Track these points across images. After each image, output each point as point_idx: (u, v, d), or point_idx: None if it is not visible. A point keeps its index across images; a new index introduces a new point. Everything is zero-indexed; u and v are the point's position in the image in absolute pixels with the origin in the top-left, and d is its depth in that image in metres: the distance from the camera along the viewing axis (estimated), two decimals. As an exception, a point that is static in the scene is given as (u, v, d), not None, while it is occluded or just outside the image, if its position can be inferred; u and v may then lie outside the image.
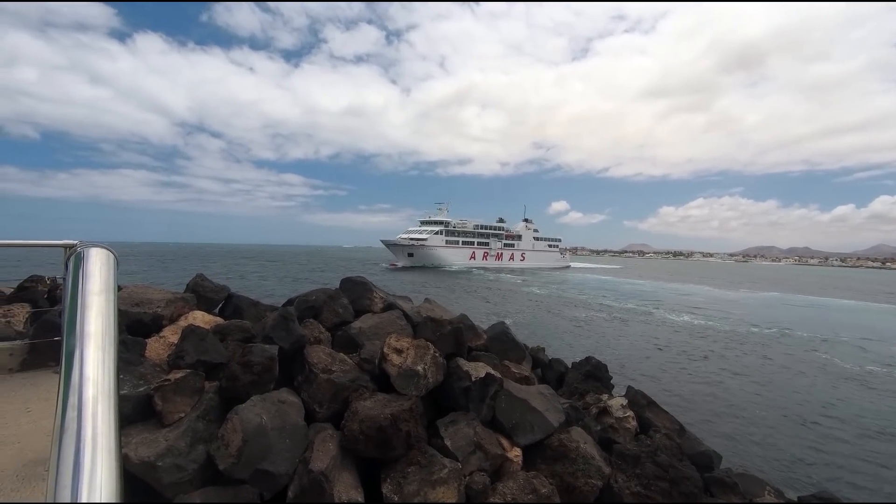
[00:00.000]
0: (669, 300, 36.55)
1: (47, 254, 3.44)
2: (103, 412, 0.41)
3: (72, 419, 0.39)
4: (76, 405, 0.40)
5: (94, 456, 0.35)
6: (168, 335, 5.52)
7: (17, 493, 1.76)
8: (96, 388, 0.42)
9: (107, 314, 0.53)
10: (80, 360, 0.45)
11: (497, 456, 4.89)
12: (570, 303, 31.18)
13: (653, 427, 6.17)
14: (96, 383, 0.42)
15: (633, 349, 16.42)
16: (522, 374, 6.38)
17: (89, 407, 0.40)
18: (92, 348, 0.47)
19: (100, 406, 0.41)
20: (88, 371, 0.44)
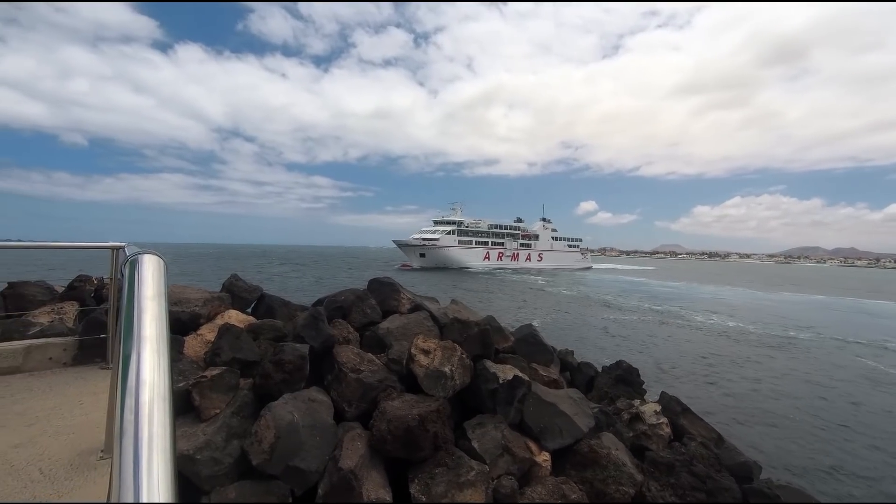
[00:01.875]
0: (704, 303, 35.22)
1: (93, 254, 3.64)
2: (159, 413, 0.42)
3: (129, 421, 0.40)
4: (133, 407, 0.42)
5: (150, 456, 0.37)
6: (205, 333, 5.74)
7: (71, 481, 1.87)
8: (152, 390, 0.44)
9: (160, 319, 0.55)
10: (137, 362, 0.47)
11: (525, 460, 4.84)
12: (597, 305, 30.51)
13: (687, 435, 5.96)
14: (152, 386, 0.44)
15: (665, 353, 15.91)
16: (551, 378, 6.28)
17: (146, 408, 0.42)
18: (148, 351, 0.48)
19: (156, 407, 0.42)
20: (145, 374, 0.45)
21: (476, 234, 76.46)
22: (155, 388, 0.46)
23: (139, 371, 0.47)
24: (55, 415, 2.59)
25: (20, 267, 31.39)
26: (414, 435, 4.41)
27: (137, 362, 0.48)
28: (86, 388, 3.09)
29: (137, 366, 0.48)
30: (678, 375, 12.99)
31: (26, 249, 3.53)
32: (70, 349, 3.68)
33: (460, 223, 74.72)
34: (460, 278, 49.98)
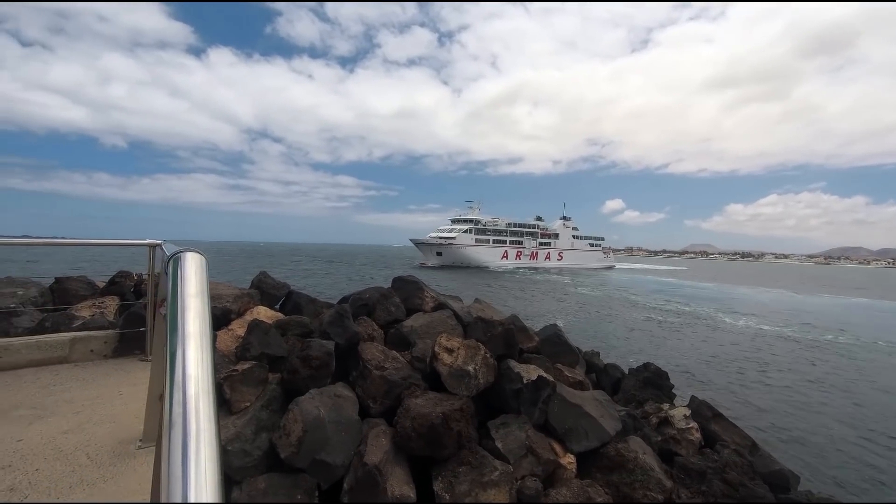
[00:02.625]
0: (737, 305, 33.95)
1: (130, 251, 3.79)
2: (205, 409, 0.43)
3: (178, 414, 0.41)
4: (181, 401, 0.43)
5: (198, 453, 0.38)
6: (235, 328, 5.92)
7: (114, 467, 1.96)
8: (198, 385, 0.45)
9: (203, 316, 0.56)
10: (183, 358, 0.48)
11: (550, 461, 4.78)
12: (624, 305, 29.84)
13: (720, 441, 5.76)
14: (197, 381, 0.45)
15: (695, 356, 15.42)
16: (576, 379, 6.19)
17: (192, 403, 0.43)
18: (192, 348, 0.50)
19: (201, 403, 0.43)
20: (190, 369, 0.46)
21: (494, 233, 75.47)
22: (200, 383, 0.47)
23: (185, 367, 0.49)
24: (98, 404, 2.72)
25: (63, 264, 33.16)
26: (438, 433, 4.42)
27: (183, 359, 0.49)
28: (125, 379, 3.23)
29: (183, 362, 0.49)
30: (708, 379, 12.57)
31: (72, 247, 3.72)
32: (111, 342, 3.85)
33: (477, 222, 73.89)
34: (482, 277, 49.76)
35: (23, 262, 31.24)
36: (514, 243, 78.14)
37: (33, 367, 3.45)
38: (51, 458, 2.01)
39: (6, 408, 2.61)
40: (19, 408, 2.62)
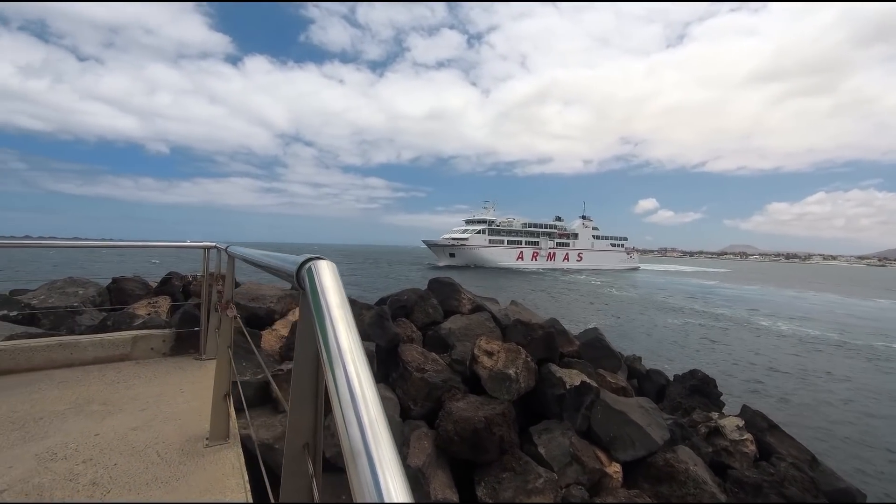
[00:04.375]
0: (783, 309, 32.19)
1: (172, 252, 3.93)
2: (377, 416, 0.41)
3: (357, 439, 0.39)
4: (355, 420, 0.41)
5: (381, 462, 0.36)
6: (279, 328, 6.07)
7: (184, 465, 2.03)
8: (364, 399, 0.43)
9: (351, 327, 0.54)
10: (345, 375, 0.46)
11: (595, 470, 4.64)
12: (660, 308, 28.85)
13: (776, 454, 5.44)
14: (363, 397, 0.43)
15: (742, 363, 14.70)
16: (619, 385, 6.00)
17: (366, 418, 0.41)
18: (352, 364, 0.48)
19: (374, 416, 0.41)
20: (357, 387, 0.45)
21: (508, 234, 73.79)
22: (368, 400, 0.45)
23: (350, 383, 0.47)
24: (162, 401, 2.83)
25: (112, 264, 35.11)
26: (480, 437, 4.38)
27: (345, 375, 0.47)
28: (184, 378, 3.35)
29: (346, 378, 0.47)
30: (758, 388, 11.95)
31: (129, 249, 3.89)
32: (168, 340, 4.01)
33: (491, 222, 72.41)
34: (506, 279, 49.31)
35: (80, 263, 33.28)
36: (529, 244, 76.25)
37: (99, 363, 3.63)
38: (126, 454, 2.09)
39: (80, 402, 2.75)
40: (91, 403, 2.76)
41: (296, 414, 0.75)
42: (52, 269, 30.85)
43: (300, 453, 0.74)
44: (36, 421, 2.44)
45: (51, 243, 4.50)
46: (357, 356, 0.50)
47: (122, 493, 1.78)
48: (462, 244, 67.45)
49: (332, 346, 0.51)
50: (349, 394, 0.45)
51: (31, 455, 2.04)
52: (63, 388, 3.04)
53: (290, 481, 0.75)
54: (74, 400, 2.80)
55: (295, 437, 0.74)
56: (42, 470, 1.92)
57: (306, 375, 0.75)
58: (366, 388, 0.47)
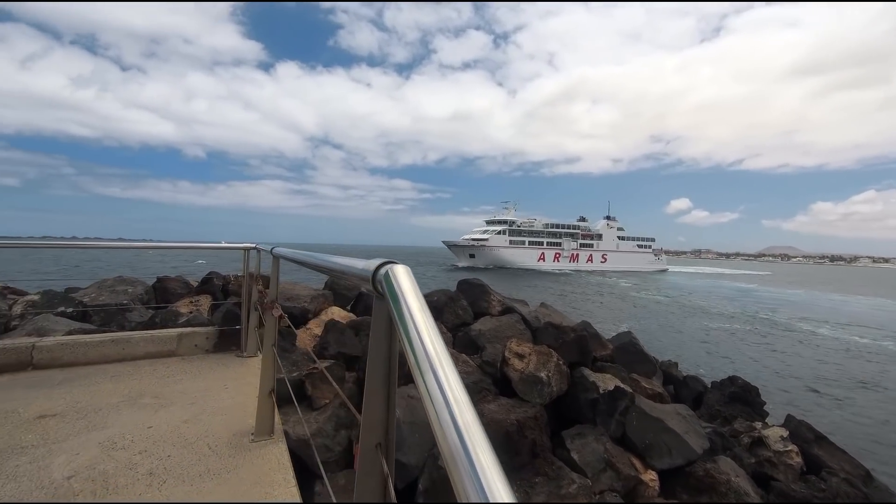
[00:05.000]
0: (829, 314, 30.47)
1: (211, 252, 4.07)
2: (472, 419, 0.42)
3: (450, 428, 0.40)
4: (451, 425, 0.42)
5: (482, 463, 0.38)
6: (313, 327, 6.22)
7: (233, 458, 2.11)
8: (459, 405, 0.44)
9: (435, 331, 0.56)
10: (436, 380, 0.48)
11: (630, 477, 4.53)
12: (694, 312, 27.85)
13: (825, 468, 5.16)
14: (458, 402, 0.44)
15: (785, 371, 14.00)
16: (654, 391, 5.84)
17: (460, 417, 0.42)
18: (443, 369, 0.49)
19: (466, 413, 0.43)
20: (448, 392, 0.45)
21: (529, 234, 72.18)
22: (461, 404, 0.46)
23: (441, 387, 0.48)
24: (208, 396, 2.94)
25: (157, 263, 36.79)
26: (512, 440, 4.35)
27: (436, 379, 0.48)
28: (227, 374, 3.48)
29: (438, 383, 0.48)
30: (802, 397, 11.37)
31: (174, 250, 4.06)
32: (211, 338, 4.17)
33: (512, 223, 70.95)
34: (529, 280, 48.69)
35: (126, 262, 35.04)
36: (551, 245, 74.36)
37: (149, 359, 3.82)
38: (178, 446, 2.19)
39: (134, 396, 2.90)
40: (143, 396, 2.91)
41: (369, 414, 0.77)
42: (102, 269, 32.61)
43: (374, 453, 0.76)
44: (96, 412, 2.58)
45: (99, 244, 4.77)
46: (445, 361, 0.51)
47: (176, 483, 1.87)
48: (482, 245, 66.48)
49: (420, 351, 0.53)
50: (442, 398, 0.46)
51: (94, 444, 2.17)
52: (116, 381, 3.21)
53: (365, 480, 0.77)
54: (128, 393, 2.96)
55: (368, 436, 0.76)
56: (105, 458, 2.04)
57: (379, 377, 0.77)
58: (457, 391, 0.47)
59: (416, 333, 0.55)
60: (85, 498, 1.73)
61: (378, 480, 0.76)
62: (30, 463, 1.97)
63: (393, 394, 0.78)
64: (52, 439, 2.21)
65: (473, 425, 0.44)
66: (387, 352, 0.77)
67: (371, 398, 0.77)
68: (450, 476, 0.40)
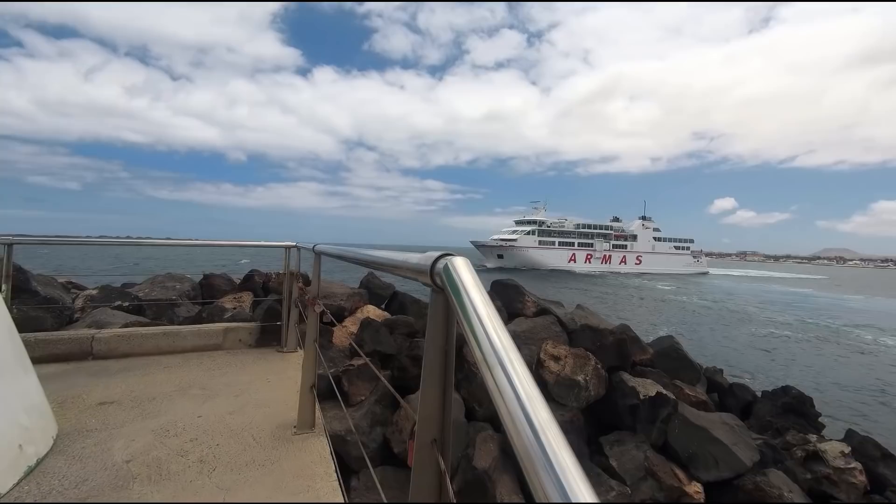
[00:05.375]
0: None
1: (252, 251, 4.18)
2: (547, 416, 0.40)
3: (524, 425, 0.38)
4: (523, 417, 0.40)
5: (560, 461, 0.36)
6: (349, 325, 6.33)
7: (276, 450, 2.17)
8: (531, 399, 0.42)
9: (501, 325, 0.54)
10: (505, 373, 0.46)
11: (673, 488, 4.34)
12: (739, 317, 26.44)
13: (891, 487, 4.76)
14: (530, 396, 0.42)
15: (844, 382, 13.04)
16: (698, 398, 5.57)
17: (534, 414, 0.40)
18: (509, 361, 0.47)
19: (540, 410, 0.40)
20: (518, 385, 0.43)
21: (559, 235, 70.09)
22: (534, 400, 0.44)
23: (513, 383, 0.46)
24: (252, 389, 3.04)
25: (203, 261, 38.66)
26: (549, 444, 4.26)
27: (506, 375, 0.46)
28: (269, 368, 3.58)
29: (508, 379, 0.46)
30: (863, 411, 10.55)
31: (219, 247, 4.22)
32: (254, 333, 4.32)
33: (541, 223, 69.16)
34: (559, 281, 47.61)
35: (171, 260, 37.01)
36: (583, 245, 71.83)
37: (196, 351, 4.00)
38: (226, 435, 2.28)
39: (184, 386, 3.04)
40: (193, 387, 3.04)
41: (425, 410, 0.76)
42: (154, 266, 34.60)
43: (429, 449, 0.75)
44: (150, 400, 2.72)
45: (151, 242, 5.05)
46: (514, 355, 0.49)
47: (225, 471, 1.94)
48: (511, 245, 65.16)
49: (486, 345, 0.51)
50: (514, 393, 0.44)
51: (148, 431, 2.28)
52: (168, 372, 3.37)
53: (421, 476, 0.76)
54: (178, 383, 3.10)
55: (424, 432, 0.75)
56: (158, 445, 2.14)
57: (436, 372, 0.76)
58: (528, 386, 0.45)
59: (480, 327, 0.53)
60: (142, 482, 1.82)
61: (434, 477, 0.75)
62: (94, 445, 2.10)
63: (449, 389, 0.77)
64: (111, 424, 2.34)
65: (549, 421, 0.42)
66: (443, 347, 0.76)
67: (427, 393, 0.76)
68: (526, 475, 0.38)
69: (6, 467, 1.73)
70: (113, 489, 1.76)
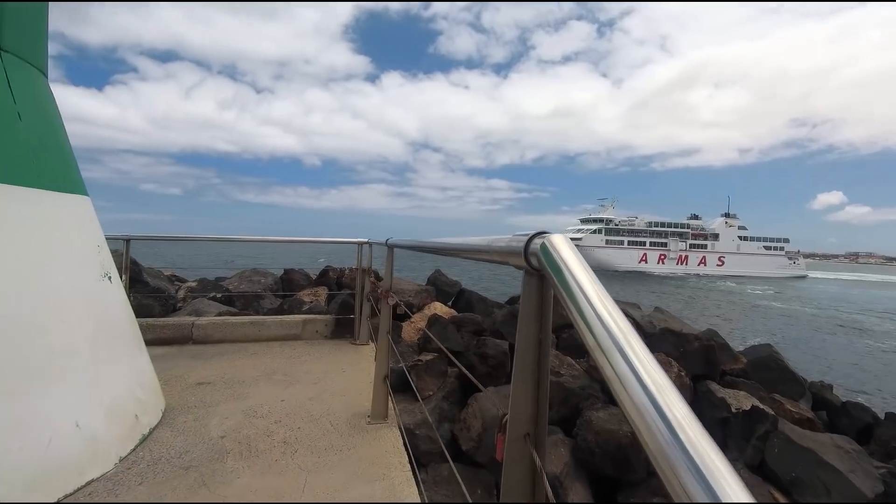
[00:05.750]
0: None
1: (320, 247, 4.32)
2: (683, 409, 0.33)
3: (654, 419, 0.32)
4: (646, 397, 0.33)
5: (704, 458, 0.31)
6: (417, 321, 6.44)
7: (352, 437, 2.24)
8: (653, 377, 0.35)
9: (614, 305, 0.46)
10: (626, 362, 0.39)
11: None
12: (850, 327, 23.10)
13: None
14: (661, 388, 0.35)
15: None
16: (802, 416, 4.92)
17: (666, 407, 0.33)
18: (628, 347, 0.40)
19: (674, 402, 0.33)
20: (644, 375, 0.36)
21: (629, 234, 64.68)
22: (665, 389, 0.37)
23: (636, 371, 0.39)
24: (328, 377, 3.18)
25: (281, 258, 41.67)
26: (626, 454, 4.00)
27: (627, 363, 0.39)
28: (344, 359, 3.73)
29: (631, 367, 0.39)
30: None
31: (298, 244, 4.46)
32: (329, 325, 4.53)
33: (609, 221, 64.53)
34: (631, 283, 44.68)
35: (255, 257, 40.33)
36: (655, 245, 65.52)
37: (278, 340, 4.29)
38: (306, 420, 2.40)
39: (268, 372, 3.26)
40: (276, 373, 3.25)
41: (517, 402, 0.70)
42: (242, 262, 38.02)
43: (522, 443, 0.69)
44: (239, 383, 2.94)
45: (240, 238, 5.48)
46: (634, 341, 0.42)
47: (306, 454, 2.02)
48: (576, 244, 62.22)
49: (599, 329, 0.44)
50: (638, 382, 0.37)
51: (239, 411, 2.46)
52: (254, 358, 3.63)
53: (513, 473, 0.70)
54: (263, 369, 3.32)
55: (517, 426, 0.69)
56: (248, 424, 2.30)
57: (528, 363, 0.70)
58: (656, 374, 0.38)
59: (590, 309, 0.46)
60: (234, 457, 1.95)
61: (526, 473, 0.69)
62: (194, 420, 2.30)
63: (544, 381, 0.70)
64: (208, 402, 2.56)
65: (684, 412, 0.34)
66: (537, 335, 0.69)
67: (519, 385, 0.70)
68: (660, 473, 0.32)
69: (126, 434, 1.95)
70: (210, 461, 1.91)
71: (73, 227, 2.09)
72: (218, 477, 1.79)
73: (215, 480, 1.77)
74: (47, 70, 2.29)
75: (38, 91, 2.14)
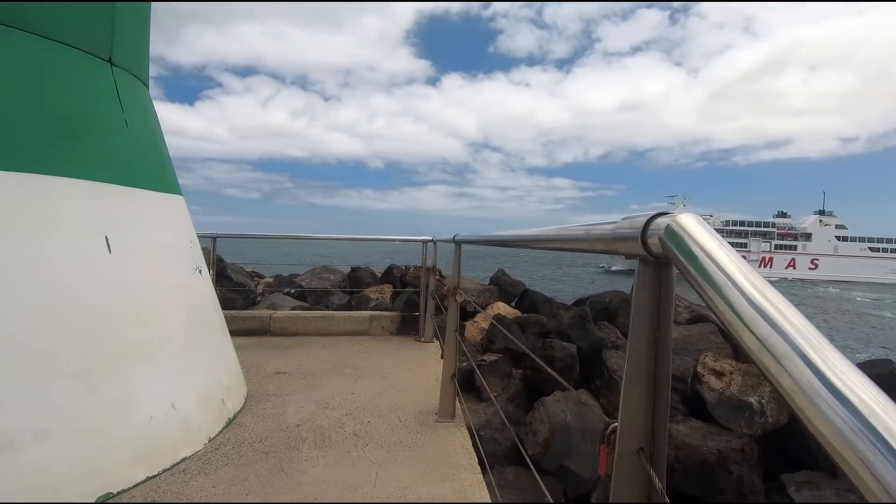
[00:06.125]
0: None
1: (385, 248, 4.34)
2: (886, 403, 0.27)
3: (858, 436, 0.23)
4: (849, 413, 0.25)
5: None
6: (480, 321, 6.37)
7: (420, 434, 2.23)
8: (846, 381, 0.29)
9: (779, 297, 0.36)
10: (810, 366, 0.28)
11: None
12: None
13: None
14: (859, 396, 0.26)
15: None
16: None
17: (876, 421, 0.27)
18: (809, 347, 0.29)
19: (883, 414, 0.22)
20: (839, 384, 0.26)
21: None
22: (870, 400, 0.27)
23: (827, 380, 0.29)
24: (395, 373, 3.21)
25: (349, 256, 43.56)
26: (712, 473, 3.63)
27: (813, 369, 0.29)
28: (409, 355, 3.76)
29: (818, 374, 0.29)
30: None
31: (364, 243, 4.56)
32: (395, 322, 4.60)
33: None
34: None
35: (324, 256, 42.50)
36: (733, 245, 58.62)
37: (347, 335, 4.43)
38: (375, 414, 2.43)
39: (338, 365, 3.37)
40: (346, 367, 3.35)
41: (628, 412, 0.59)
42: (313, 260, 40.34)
43: (634, 459, 0.59)
44: (313, 374, 3.06)
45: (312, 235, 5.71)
46: (820, 342, 0.32)
47: (376, 447, 2.04)
48: None
49: (764, 330, 0.33)
50: (831, 394, 0.27)
51: (312, 400, 2.55)
52: (325, 351, 3.77)
53: (622, 490, 0.60)
54: (334, 362, 3.43)
55: (627, 439, 0.59)
56: (320, 414, 2.37)
57: (642, 368, 0.59)
58: (854, 380, 0.28)
59: (746, 304, 0.36)
60: (309, 445, 2.01)
61: (640, 493, 0.59)
62: (272, 408, 2.42)
63: (663, 388, 0.59)
64: (284, 391, 2.68)
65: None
66: (653, 335, 0.58)
67: (631, 393, 0.59)
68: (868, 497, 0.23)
69: (213, 417, 2.08)
70: (287, 448, 1.98)
71: (170, 224, 2.29)
72: (295, 464, 1.85)
73: (292, 467, 1.83)
74: (148, 83, 2.53)
75: (141, 102, 2.36)
